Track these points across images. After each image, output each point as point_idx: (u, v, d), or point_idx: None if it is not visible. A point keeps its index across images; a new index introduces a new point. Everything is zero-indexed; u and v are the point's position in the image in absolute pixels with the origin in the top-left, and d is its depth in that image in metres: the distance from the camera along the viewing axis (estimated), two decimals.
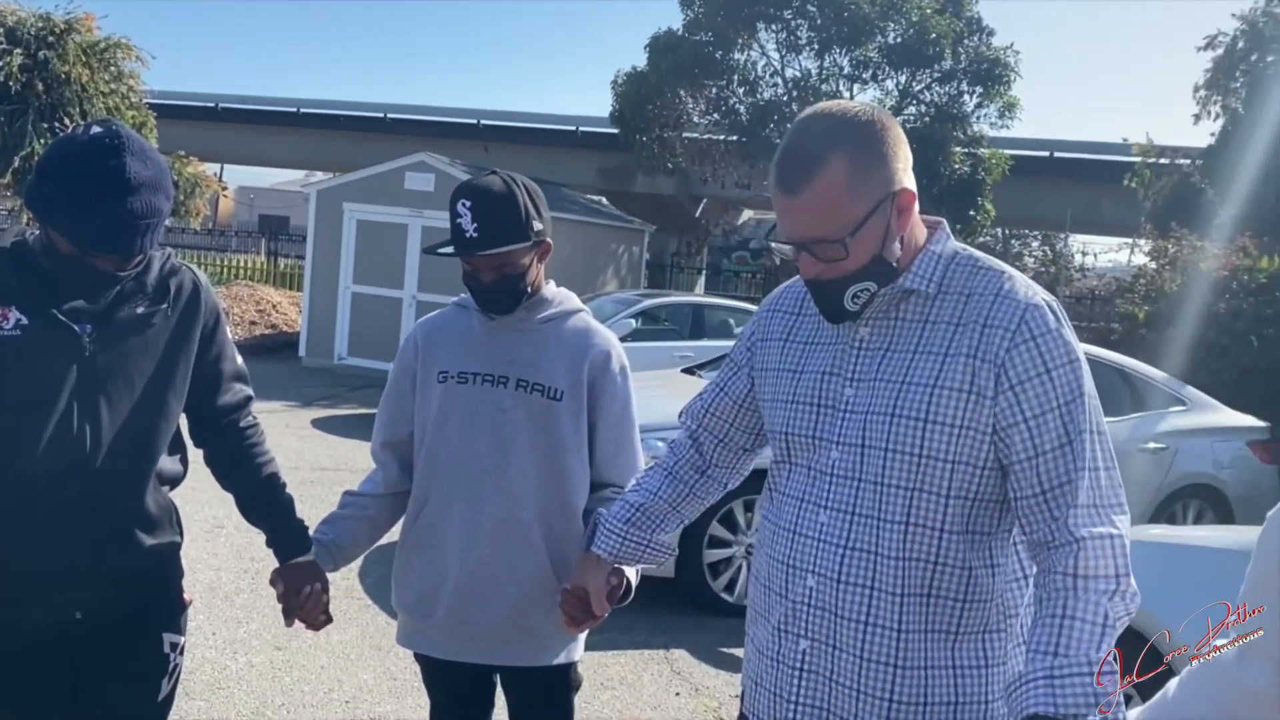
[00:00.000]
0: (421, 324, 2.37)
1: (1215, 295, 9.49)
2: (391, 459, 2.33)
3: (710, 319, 11.86)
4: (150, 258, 1.87)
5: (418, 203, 12.87)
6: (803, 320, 1.73)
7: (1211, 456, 6.58)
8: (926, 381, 1.55)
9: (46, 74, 16.26)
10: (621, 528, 1.88)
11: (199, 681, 4.02)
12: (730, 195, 23.32)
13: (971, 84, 19.29)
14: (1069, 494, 1.48)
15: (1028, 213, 26.59)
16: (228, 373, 2.06)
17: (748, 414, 1.84)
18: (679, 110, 20.60)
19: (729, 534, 5.33)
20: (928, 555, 1.55)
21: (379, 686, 4.14)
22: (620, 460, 2.26)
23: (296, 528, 2.15)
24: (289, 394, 11.32)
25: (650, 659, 4.68)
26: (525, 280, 2.19)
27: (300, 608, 2.12)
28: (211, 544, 5.65)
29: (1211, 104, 17.39)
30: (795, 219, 1.55)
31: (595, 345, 2.26)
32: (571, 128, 30.65)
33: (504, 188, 2.15)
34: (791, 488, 1.67)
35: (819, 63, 19.63)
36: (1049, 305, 1.57)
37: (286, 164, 40.00)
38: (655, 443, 4.69)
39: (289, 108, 33.93)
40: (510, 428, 2.18)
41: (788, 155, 1.55)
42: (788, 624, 1.64)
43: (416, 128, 30.83)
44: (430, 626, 2.25)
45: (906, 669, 1.55)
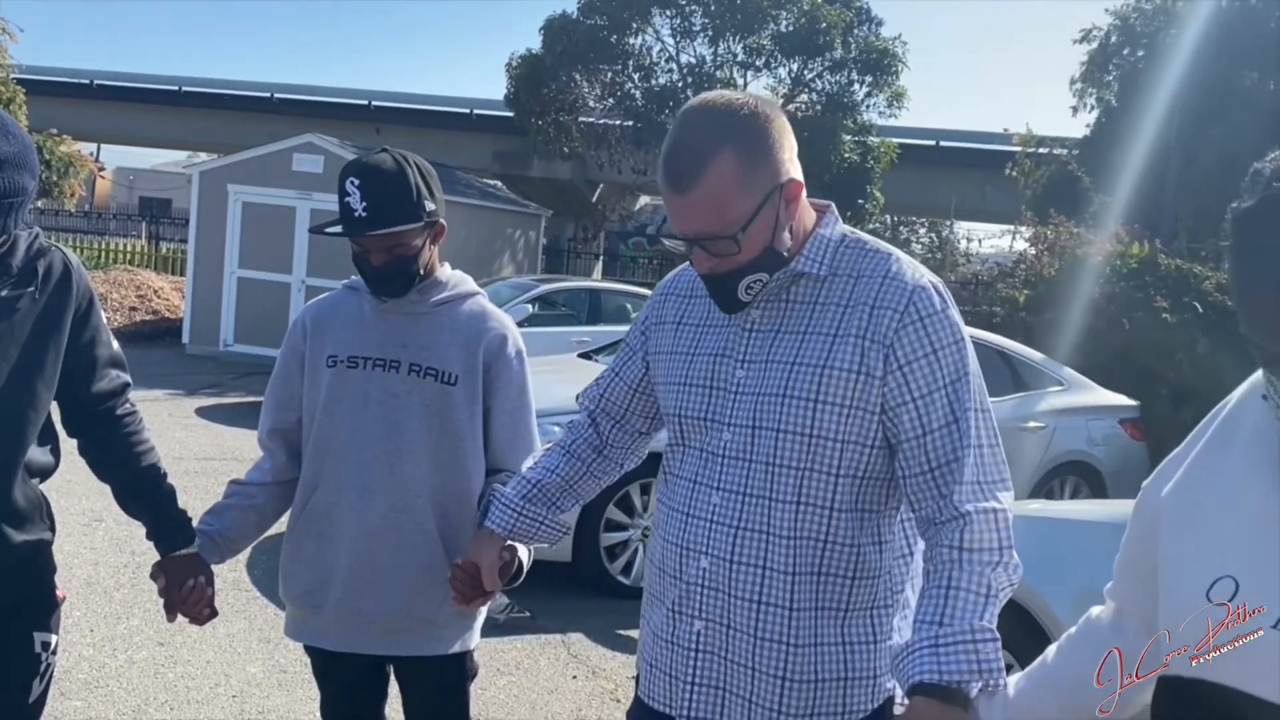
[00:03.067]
0: (310, 307, 2.30)
1: (1091, 280, 9.89)
2: (279, 446, 2.26)
3: (607, 304, 11.87)
4: (15, 238, 1.77)
5: (306, 185, 12.55)
6: (695, 304, 1.74)
7: (1087, 434, 6.89)
8: (816, 362, 1.57)
9: None
10: (517, 503, 1.87)
11: (76, 680, 3.86)
12: (627, 180, 23.35)
13: (861, 73, 19.71)
14: (955, 471, 1.52)
15: (915, 200, 27.34)
16: (102, 358, 1.96)
17: (643, 398, 1.85)
18: (575, 94, 20.55)
19: (625, 517, 5.35)
20: (818, 534, 1.57)
21: (268, 680, 4.04)
22: (516, 445, 2.24)
23: (179, 519, 2.07)
24: (172, 382, 10.93)
25: (547, 644, 4.67)
26: (418, 262, 2.14)
27: (183, 602, 2.05)
28: (89, 538, 5.42)
29: (1087, 96, 18.13)
30: (686, 217, 1.56)
31: (491, 329, 2.23)
32: (466, 110, 30.25)
33: (395, 166, 2.10)
34: (685, 470, 1.68)
35: (713, 49, 19.80)
36: (935, 287, 1.60)
37: (168, 144, 38.53)
38: (551, 428, 4.67)
39: (170, 86, 32.64)
40: (402, 413, 2.14)
41: (674, 153, 1.55)
42: (682, 605, 1.65)
43: (305, 108, 30.03)
44: (320, 617, 2.20)
45: (799, 646, 1.58)
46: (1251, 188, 1.01)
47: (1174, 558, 1.12)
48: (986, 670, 1.39)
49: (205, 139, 31.86)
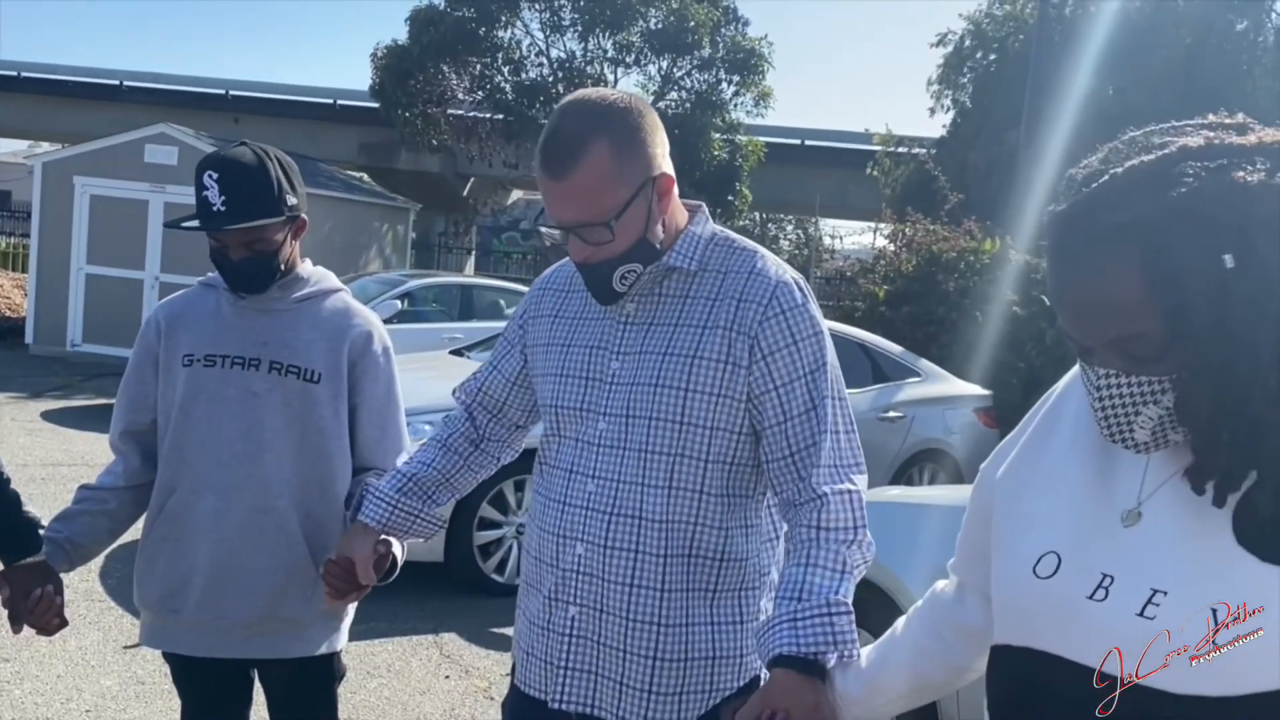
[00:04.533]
0: (164, 305, 2.22)
1: (946, 275, 10.31)
2: (133, 449, 2.18)
3: (480, 300, 11.77)
4: None
5: (159, 177, 12.04)
6: (571, 298, 1.79)
7: (943, 423, 7.19)
8: (687, 353, 1.64)
9: None
10: (392, 496, 1.86)
11: None
12: (498, 175, 23.19)
13: (729, 72, 20.02)
14: (813, 455, 1.60)
15: (782, 197, 27.97)
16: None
17: (520, 391, 1.88)
18: (443, 86, 20.26)
19: (499, 515, 5.33)
20: (688, 517, 1.63)
21: (124, 692, 3.87)
22: (384, 444, 2.21)
23: (23, 526, 1.98)
24: (14, 384, 10.34)
25: (419, 644, 4.62)
26: (278, 257, 2.09)
27: (30, 612, 1.96)
28: None
29: (943, 98, 18.90)
30: (562, 204, 1.60)
31: (355, 325, 2.19)
32: (330, 101, 29.50)
33: (254, 159, 2.05)
34: (561, 459, 1.72)
35: (583, 45, 19.82)
36: (796, 283, 1.69)
37: (6, 133, 36.29)
38: (422, 426, 4.62)
39: (9, 71, 30.77)
40: (263, 411, 2.09)
41: (551, 142, 1.60)
42: (558, 592, 1.68)
43: (158, 97, 28.77)
44: (178, 623, 2.12)
45: (669, 626, 1.63)
46: (1065, 192, 1.06)
47: (1005, 535, 1.20)
48: (842, 642, 1.46)
49: (48, 128, 30.23)
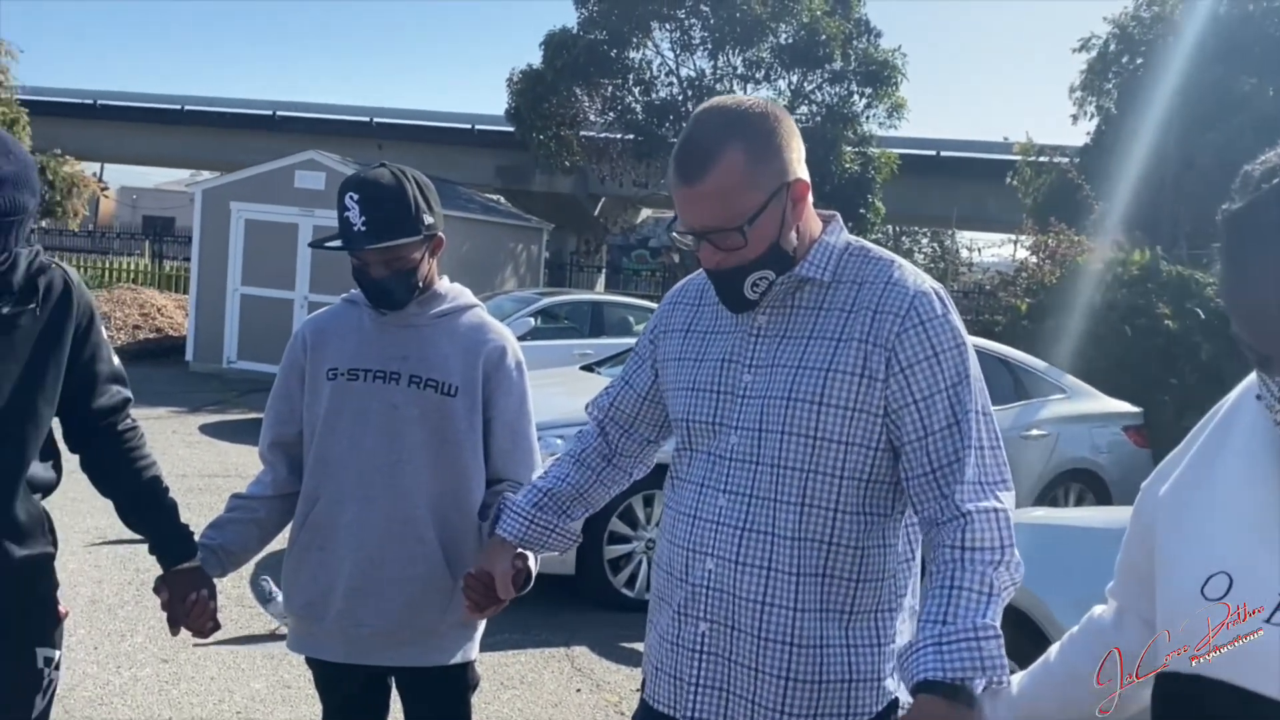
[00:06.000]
0: (310, 321, 2.31)
1: (1092, 288, 9.90)
2: (280, 459, 2.27)
3: (609, 316, 11.90)
4: (16, 256, 1.78)
5: (308, 201, 12.60)
6: (703, 311, 1.78)
7: (1090, 442, 6.88)
8: (821, 366, 1.60)
9: None
10: (528, 511, 1.88)
11: (80, 698, 3.86)
12: (628, 194, 23.41)
13: (861, 84, 19.74)
14: (956, 472, 1.54)
15: (916, 210, 27.39)
16: (103, 374, 1.97)
17: (652, 406, 1.88)
18: (575, 108, 20.60)
19: (629, 529, 5.35)
20: (822, 535, 1.59)
21: (272, 695, 4.04)
22: (516, 456, 2.25)
23: (181, 532, 2.08)
24: (176, 400, 10.95)
25: (551, 657, 4.67)
26: (416, 275, 2.16)
27: (186, 616, 2.05)
28: (93, 555, 5.43)
29: (1087, 104, 18.18)
30: (694, 208, 1.60)
31: (490, 340, 2.24)
32: (468, 126, 30.38)
33: (393, 180, 2.12)
34: (692, 474, 1.71)
35: (713, 62, 19.84)
36: (936, 292, 1.63)
37: (170, 163, 38.69)
38: (554, 440, 4.69)
39: (172, 105, 32.81)
40: (402, 424, 2.15)
41: (686, 147, 1.60)
42: (687, 607, 1.66)
43: (307, 125, 30.18)
44: (322, 630, 2.20)
45: (802, 646, 1.59)
46: (1242, 190, 1.02)
47: (1170, 556, 1.13)
48: (990, 667, 1.40)
49: (208, 157, 32.00)
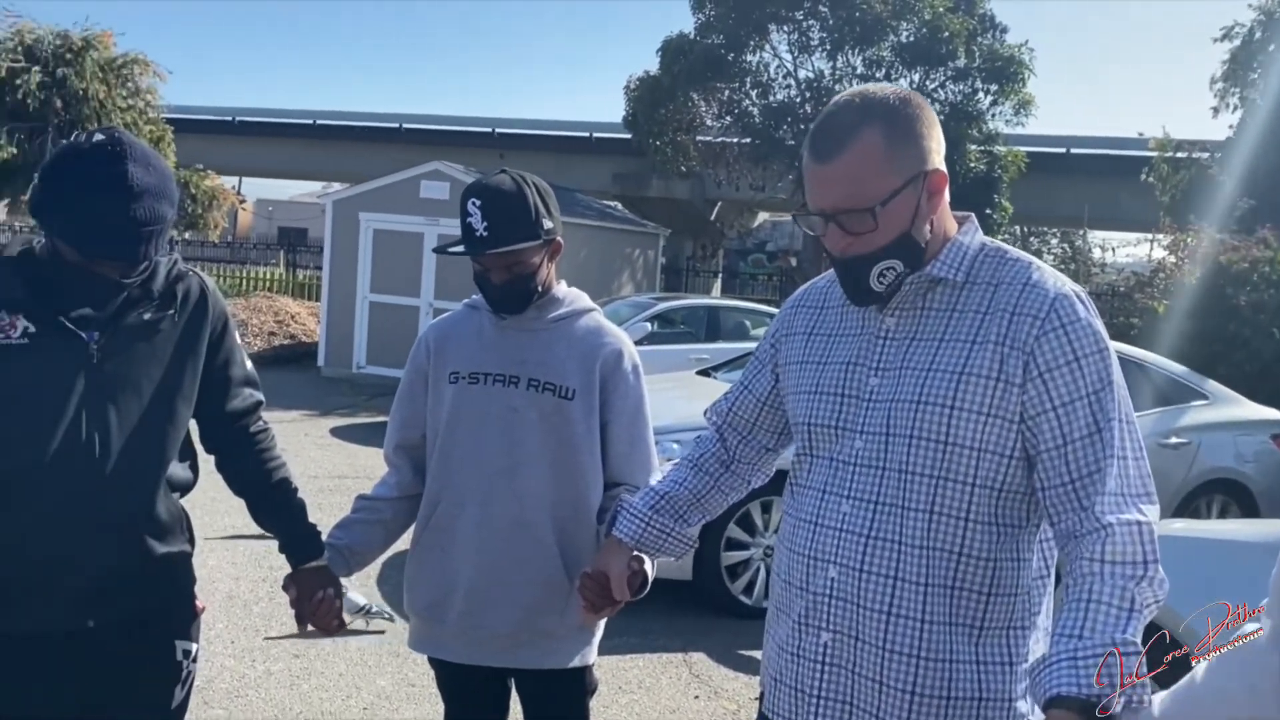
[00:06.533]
0: (433, 326, 2.36)
1: (1236, 288, 9.39)
2: (404, 462, 2.32)
3: (726, 321, 11.85)
4: (156, 264, 1.86)
5: (433, 211, 12.91)
6: (827, 314, 1.74)
7: (1234, 450, 6.51)
8: (953, 368, 1.55)
9: (65, 91, 16.45)
10: (645, 513, 1.88)
11: (218, 690, 4.03)
12: (745, 198, 23.31)
13: (986, 82, 19.22)
14: (1097, 482, 1.47)
15: (1045, 210, 26.48)
16: (237, 378, 2.05)
17: (771, 412, 1.84)
18: (692, 113, 20.62)
19: (746, 536, 5.30)
20: (952, 545, 1.53)
21: (397, 693, 4.14)
22: (634, 459, 2.25)
23: (308, 532, 2.14)
24: (308, 403, 11.36)
25: (668, 662, 4.66)
26: (536, 279, 2.18)
27: (313, 613, 2.11)
28: (231, 553, 5.67)
29: (1229, 96, 17.26)
30: (826, 187, 1.56)
31: (607, 344, 2.24)
32: (586, 134, 30.75)
33: (513, 186, 2.14)
34: (813, 480, 1.67)
35: (831, 63, 19.60)
36: (1077, 294, 1.57)
37: (303, 175, 40.26)
38: (670, 445, 4.68)
39: (305, 119, 34.18)
40: (521, 428, 2.17)
41: (823, 125, 1.57)
42: (809, 617, 1.62)
43: (431, 137, 30.98)
44: (443, 630, 2.24)
45: (929, 661, 1.54)
46: None
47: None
48: (1130, 685, 1.33)
49: (339, 169, 33.19)
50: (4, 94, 16.19)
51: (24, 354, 1.75)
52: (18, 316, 1.76)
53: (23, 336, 1.76)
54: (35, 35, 16.70)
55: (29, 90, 16.01)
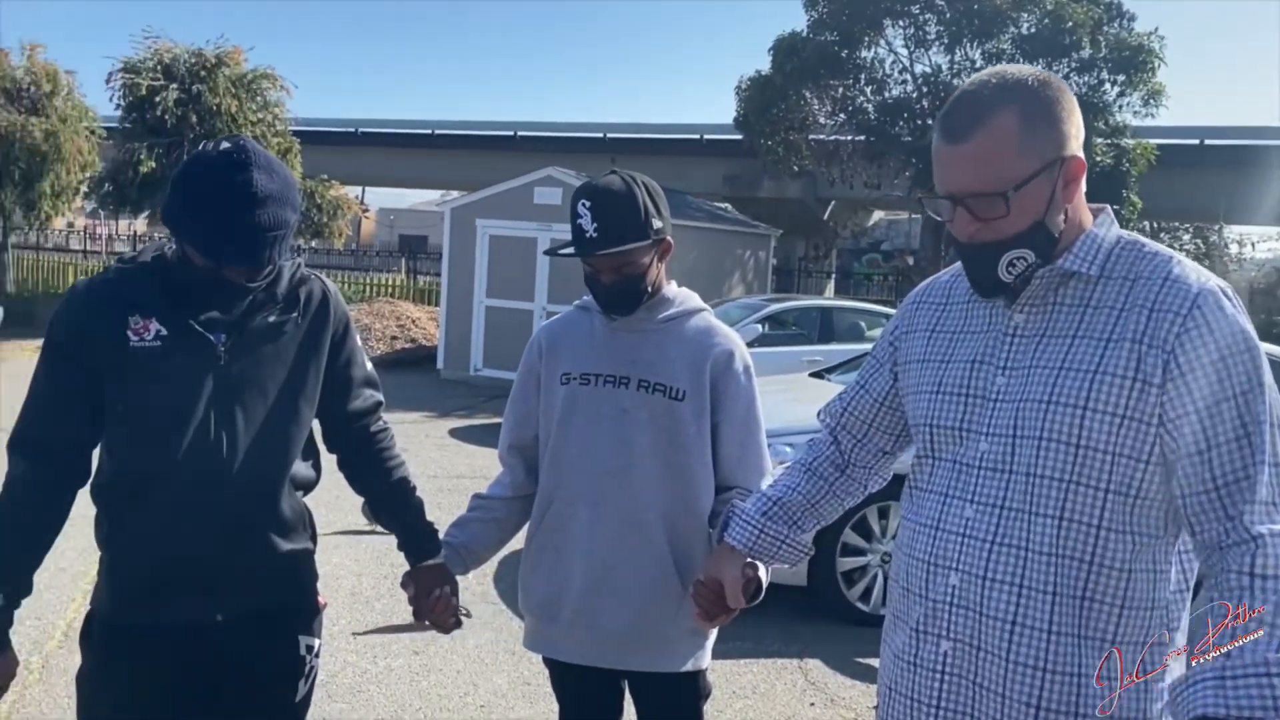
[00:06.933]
0: (545, 327, 2.37)
1: None
2: (518, 462, 2.33)
3: (840, 322, 11.66)
4: (280, 268, 1.92)
5: (546, 216, 13.07)
6: (950, 311, 1.67)
7: None
8: (1087, 367, 1.47)
9: (199, 106, 17.25)
10: (758, 520, 1.84)
11: (341, 684, 4.14)
12: (859, 196, 22.96)
13: (1113, 72, 18.47)
14: (1245, 490, 1.37)
15: (1177, 204, 25.31)
16: (358, 378, 2.09)
17: (888, 413, 1.78)
18: (805, 112, 20.39)
19: (863, 542, 5.20)
20: (1083, 554, 1.46)
21: (513, 691, 4.18)
22: (745, 462, 2.22)
23: (426, 530, 2.17)
24: (428, 405, 11.63)
25: (783, 668, 4.59)
26: (646, 280, 2.16)
27: (430, 610, 2.14)
28: (353, 550, 5.83)
29: None
30: (956, 169, 1.50)
31: (717, 344, 2.22)
32: (696, 136, 30.77)
33: (623, 186, 2.14)
34: (935, 483, 1.60)
35: (949, 57, 19.12)
36: (1222, 290, 1.47)
37: (423, 184, 41.35)
38: (782, 448, 4.62)
39: (424, 129, 35.10)
40: (632, 428, 2.16)
41: (956, 104, 1.51)
42: (927, 625, 1.57)
43: (545, 144, 31.47)
44: (556, 630, 2.24)
45: (1057, 674, 1.46)
46: None
47: None
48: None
49: (456, 177, 33.95)
50: (145, 111, 17.08)
51: (157, 356, 1.82)
52: (151, 320, 1.83)
53: (155, 339, 1.83)
54: (172, 55, 17.57)
55: (167, 107, 16.85)
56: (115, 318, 1.83)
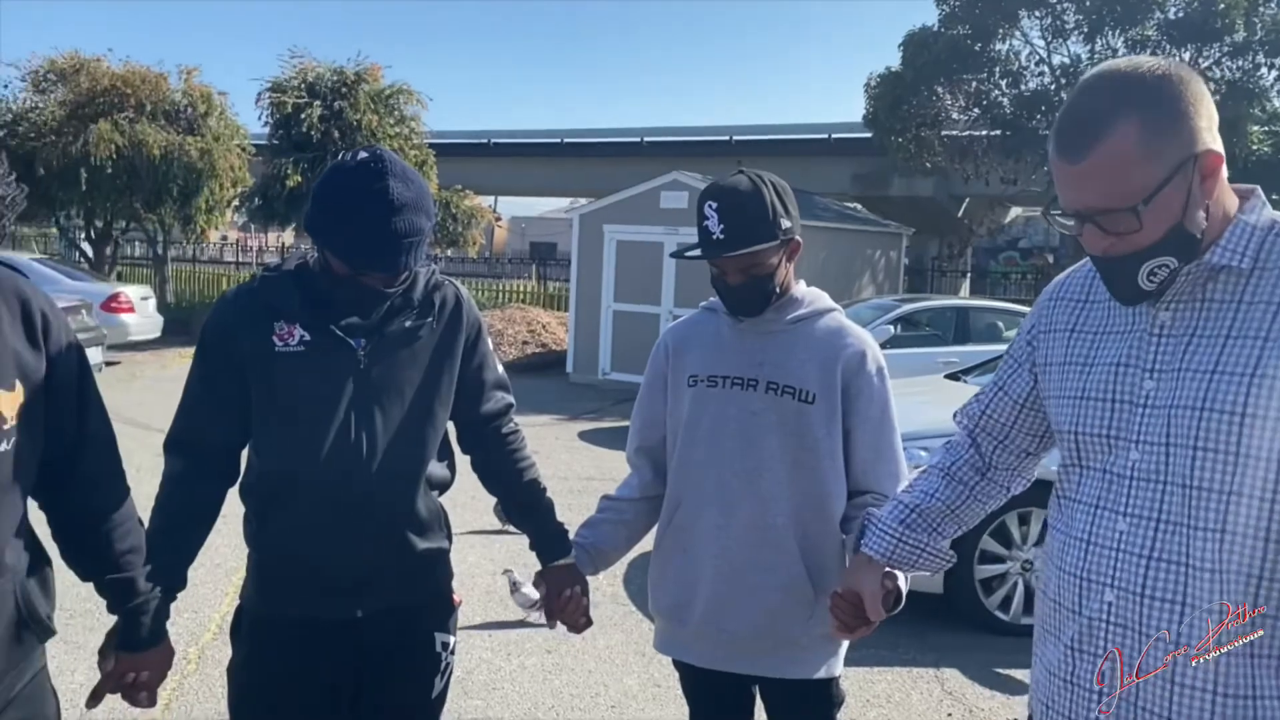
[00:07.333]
0: (671, 329, 2.37)
1: None
2: (645, 463, 2.34)
3: (976, 322, 11.31)
4: (415, 274, 1.97)
5: (672, 220, 13.11)
6: (1091, 308, 1.58)
7: None
8: (1243, 370, 1.37)
9: (341, 122, 17.93)
10: (895, 528, 1.78)
11: (476, 681, 4.23)
12: (995, 193, 22.25)
13: (1269, 55, 17.44)
14: None
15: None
16: (489, 381, 2.13)
17: (1030, 414, 1.70)
18: (936, 108, 19.91)
19: (1002, 549, 5.02)
20: (1252, 569, 1.35)
21: (643, 693, 4.19)
22: (880, 467, 2.16)
23: (557, 531, 2.20)
24: (557, 408, 11.80)
25: (919, 677, 4.47)
26: (774, 280, 2.13)
27: (561, 610, 2.17)
28: (489, 549, 5.95)
29: None
30: (1077, 188, 1.41)
31: (849, 345, 2.17)
32: (824, 135, 30.36)
33: (750, 186, 2.11)
34: (1084, 493, 1.52)
35: (1089, 46, 18.38)
36: None
37: (553, 192, 42.04)
38: (917, 452, 4.50)
39: (553, 139, 35.67)
40: (760, 431, 2.13)
41: (1068, 118, 1.41)
42: (1081, 643, 1.49)
43: (670, 149, 31.54)
44: (686, 632, 2.24)
45: (1229, 697, 1.37)
46: None
47: None
48: None
49: (584, 185, 34.36)
50: (290, 128, 17.85)
51: (301, 360, 1.90)
52: (295, 325, 1.91)
53: (299, 344, 1.91)
54: (315, 73, 18.32)
55: (311, 123, 17.58)
56: (261, 324, 1.91)
